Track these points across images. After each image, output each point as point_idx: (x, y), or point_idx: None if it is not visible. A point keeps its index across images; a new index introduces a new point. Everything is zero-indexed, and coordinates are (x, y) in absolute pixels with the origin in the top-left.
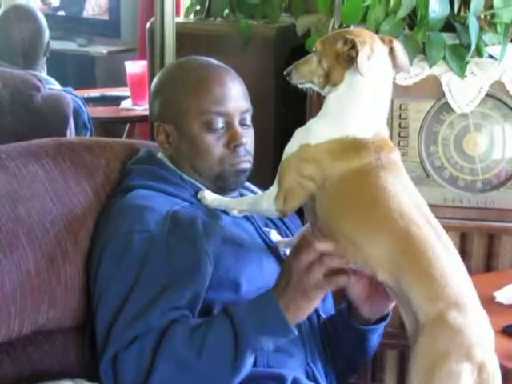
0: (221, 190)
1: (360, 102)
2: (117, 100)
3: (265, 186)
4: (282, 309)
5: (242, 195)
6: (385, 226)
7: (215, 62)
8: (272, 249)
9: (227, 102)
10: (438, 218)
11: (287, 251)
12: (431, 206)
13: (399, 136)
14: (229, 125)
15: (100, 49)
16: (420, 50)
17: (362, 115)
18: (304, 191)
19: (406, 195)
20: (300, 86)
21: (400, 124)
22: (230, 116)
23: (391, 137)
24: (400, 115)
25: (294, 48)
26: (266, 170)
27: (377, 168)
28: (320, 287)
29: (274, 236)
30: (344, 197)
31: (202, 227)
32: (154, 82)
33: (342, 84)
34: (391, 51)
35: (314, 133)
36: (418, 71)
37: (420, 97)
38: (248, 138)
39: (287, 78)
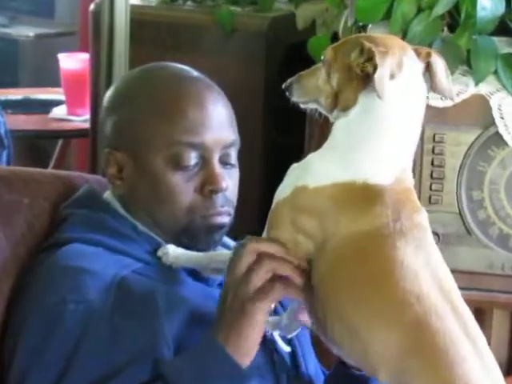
0: (186, 249)
1: (377, 134)
2: (46, 106)
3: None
4: (222, 343)
5: None
6: (395, 313)
7: (193, 73)
8: None
9: (205, 130)
10: (481, 290)
11: (276, 336)
12: (472, 273)
13: (431, 177)
14: (205, 162)
15: (25, 31)
16: (463, 60)
17: (379, 153)
18: (299, 250)
19: (427, 273)
20: (302, 106)
21: (433, 161)
22: (207, 150)
23: (419, 179)
24: (433, 149)
25: (293, 46)
26: (250, 218)
27: (394, 234)
28: (261, 298)
29: None
30: (347, 267)
31: (161, 301)
32: (109, 93)
33: (355, 108)
34: (428, 68)
35: (314, 172)
36: (459, 89)
37: (461, 124)
38: (230, 181)
39: (286, 94)
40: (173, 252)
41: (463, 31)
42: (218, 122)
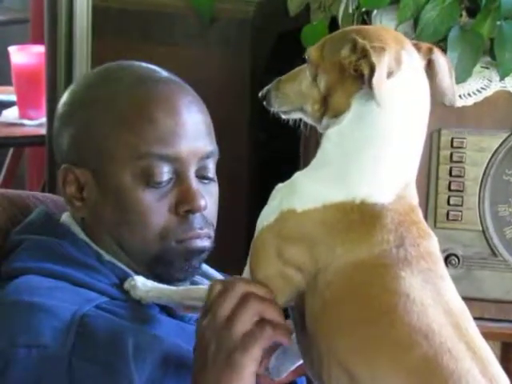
0: (160, 280)
1: (375, 144)
2: None
3: (233, 267)
4: None
5: (194, 284)
6: (400, 354)
7: (163, 73)
8: None
9: (179, 140)
10: (509, 321)
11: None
12: (499, 302)
13: (449, 190)
14: (179, 177)
15: None
16: (485, 51)
17: (378, 166)
18: (289, 286)
19: (438, 308)
20: (284, 117)
21: (451, 170)
22: (181, 163)
23: (435, 192)
24: (451, 156)
25: (283, 36)
26: (234, 240)
27: (398, 263)
28: (249, 345)
29: None
30: (343, 304)
31: (129, 342)
32: (64, 99)
33: (348, 114)
34: (430, 65)
35: (302, 193)
36: (481, 84)
37: (484, 126)
38: (209, 198)
39: (264, 104)
40: (142, 285)
41: (485, 17)
42: (193, 130)
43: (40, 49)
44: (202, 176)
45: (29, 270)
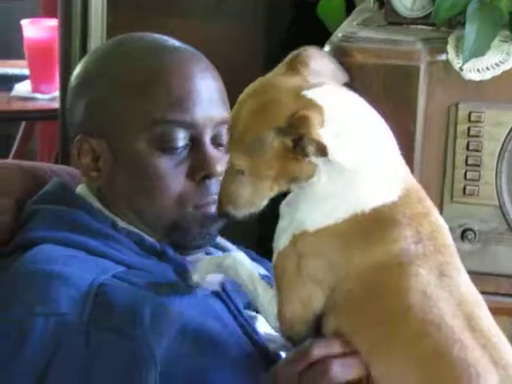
0: (176, 247)
1: (361, 169)
2: (7, 82)
3: (246, 243)
4: None
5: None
6: (412, 347)
7: (176, 42)
8: (257, 346)
9: (194, 106)
10: None
11: (283, 354)
12: None
13: (466, 164)
14: (195, 143)
15: None
16: (504, 24)
17: (372, 181)
18: (317, 303)
19: (453, 301)
20: (256, 211)
21: (468, 145)
22: (197, 129)
23: (452, 167)
24: (468, 130)
25: (299, 9)
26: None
27: (416, 259)
28: None
29: (262, 326)
30: (363, 306)
31: (146, 312)
32: (78, 71)
33: (320, 174)
34: (305, 70)
35: (310, 216)
36: (499, 58)
37: (501, 100)
38: (224, 165)
39: (228, 220)
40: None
41: None
42: (207, 97)
43: (52, 22)
44: (216, 143)
45: (44, 240)
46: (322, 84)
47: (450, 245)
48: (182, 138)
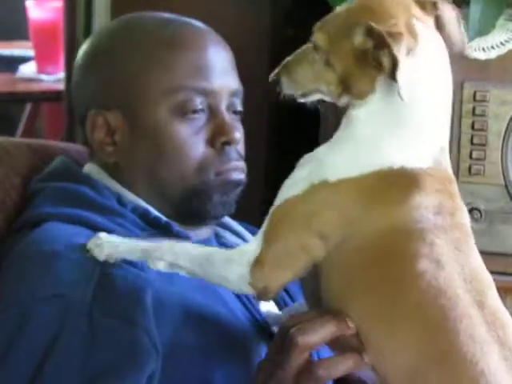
0: (196, 217)
1: (407, 118)
2: (12, 63)
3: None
4: None
5: (218, 237)
6: (416, 312)
7: (186, 18)
8: (263, 327)
9: (211, 74)
10: None
11: None
12: None
13: (471, 143)
14: (213, 110)
15: None
16: (509, 3)
17: (412, 137)
18: (307, 257)
19: (465, 276)
20: (301, 100)
21: (473, 124)
22: (214, 96)
23: (458, 146)
24: (473, 110)
25: None
26: (249, 212)
27: (434, 229)
28: None
29: (265, 305)
30: (371, 265)
31: (148, 297)
32: (85, 49)
33: (374, 96)
34: (437, 21)
35: (334, 165)
36: (504, 37)
37: (507, 80)
38: (240, 133)
39: (277, 88)
40: (108, 242)
41: None
42: (222, 66)
43: (57, 3)
44: (232, 111)
45: (49, 216)
46: (434, 30)
47: (466, 225)
48: (200, 104)
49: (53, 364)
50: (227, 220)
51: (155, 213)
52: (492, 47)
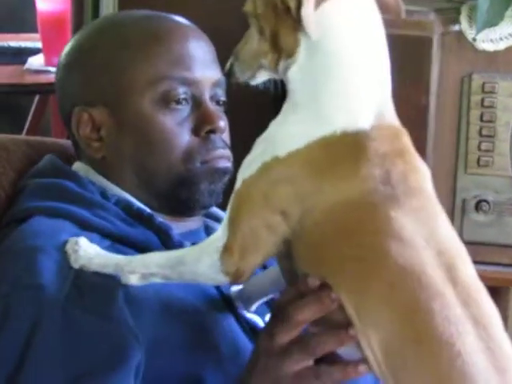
0: (183, 207)
1: (338, 70)
2: (20, 55)
3: None
4: None
5: (208, 228)
6: (390, 292)
7: (168, 14)
8: (240, 316)
9: (193, 64)
10: None
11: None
12: None
13: (480, 135)
14: (197, 100)
15: None
16: None
17: (348, 91)
18: (274, 235)
19: (431, 250)
20: (253, 83)
21: (482, 116)
22: (197, 86)
23: (466, 138)
24: (482, 101)
25: None
26: None
27: (386, 201)
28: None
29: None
30: (333, 241)
31: (121, 293)
32: (67, 49)
33: (300, 49)
34: None
35: (282, 139)
36: None
37: None
38: (225, 122)
39: (232, 80)
40: (84, 252)
41: None
42: (204, 57)
43: None
44: (215, 101)
45: (34, 210)
46: None
47: (424, 188)
48: (183, 94)
49: (34, 358)
50: (216, 210)
51: (138, 205)
52: (500, 38)
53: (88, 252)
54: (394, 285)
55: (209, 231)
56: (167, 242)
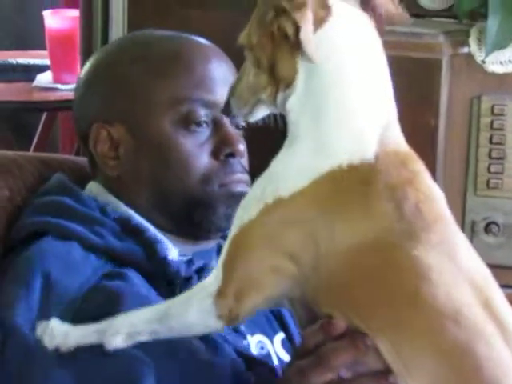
0: (198, 230)
1: (336, 97)
2: (28, 72)
3: None
4: None
5: (220, 248)
6: (431, 337)
7: (189, 35)
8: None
9: (215, 86)
10: None
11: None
12: None
13: (489, 157)
14: (217, 123)
15: None
16: None
17: (349, 118)
18: (280, 278)
19: (463, 284)
20: (252, 120)
21: (491, 138)
22: (218, 109)
23: (476, 160)
24: (491, 123)
25: None
26: None
27: (404, 239)
28: None
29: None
30: (355, 287)
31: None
32: (89, 65)
33: (299, 78)
34: (367, 4)
35: (285, 177)
36: None
37: None
38: (244, 147)
39: (229, 118)
40: (57, 330)
41: None
42: (225, 79)
43: (74, 13)
44: (235, 125)
45: (29, 226)
46: (354, 7)
47: (441, 215)
48: (204, 116)
49: None
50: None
51: (137, 220)
52: (510, 61)
53: (62, 330)
54: (433, 329)
55: (221, 251)
56: (152, 256)
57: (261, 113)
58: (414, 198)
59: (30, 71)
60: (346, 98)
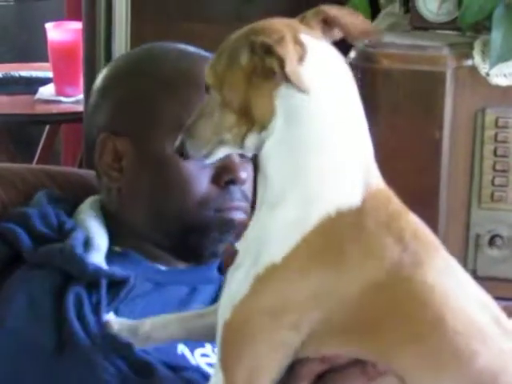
0: (191, 254)
1: (318, 137)
2: (31, 85)
3: None
4: None
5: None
6: (463, 365)
7: (202, 52)
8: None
9: None
10: None
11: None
12: None
13: (494, 170)
14: None
15: None
16: None
17: (331, 160)
18: (287, 352)
19: (476, 306)
20: (208, 161)
21: (495, 150)
22: None
23: (480, 172)
24: (495, 136)
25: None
26: None
27: (415, 269)
28: None
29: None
30: (377, 328)
31: None
32: (105, 73)
33: (276, 119)
34: (326, 26)
35: (271, 240)
36: None
37: None
38: (247, 174)
39: (182, 158)
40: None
41: None
42: None
43: (76, 25)
44: (241, 154)
45: None
46: (325, 42)
47: (436, 242)
48: None
49: None
50: None
51: (90, 237)
52: None
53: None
54: (462, 356)
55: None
56: (82, 273)
57: (221, 153)
58: (409, 228)
59: (33, 84)
60: (329, 141)
